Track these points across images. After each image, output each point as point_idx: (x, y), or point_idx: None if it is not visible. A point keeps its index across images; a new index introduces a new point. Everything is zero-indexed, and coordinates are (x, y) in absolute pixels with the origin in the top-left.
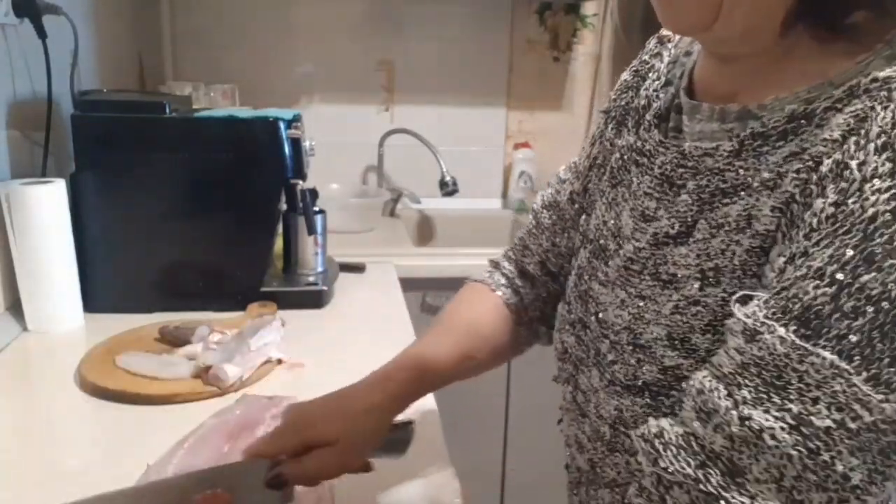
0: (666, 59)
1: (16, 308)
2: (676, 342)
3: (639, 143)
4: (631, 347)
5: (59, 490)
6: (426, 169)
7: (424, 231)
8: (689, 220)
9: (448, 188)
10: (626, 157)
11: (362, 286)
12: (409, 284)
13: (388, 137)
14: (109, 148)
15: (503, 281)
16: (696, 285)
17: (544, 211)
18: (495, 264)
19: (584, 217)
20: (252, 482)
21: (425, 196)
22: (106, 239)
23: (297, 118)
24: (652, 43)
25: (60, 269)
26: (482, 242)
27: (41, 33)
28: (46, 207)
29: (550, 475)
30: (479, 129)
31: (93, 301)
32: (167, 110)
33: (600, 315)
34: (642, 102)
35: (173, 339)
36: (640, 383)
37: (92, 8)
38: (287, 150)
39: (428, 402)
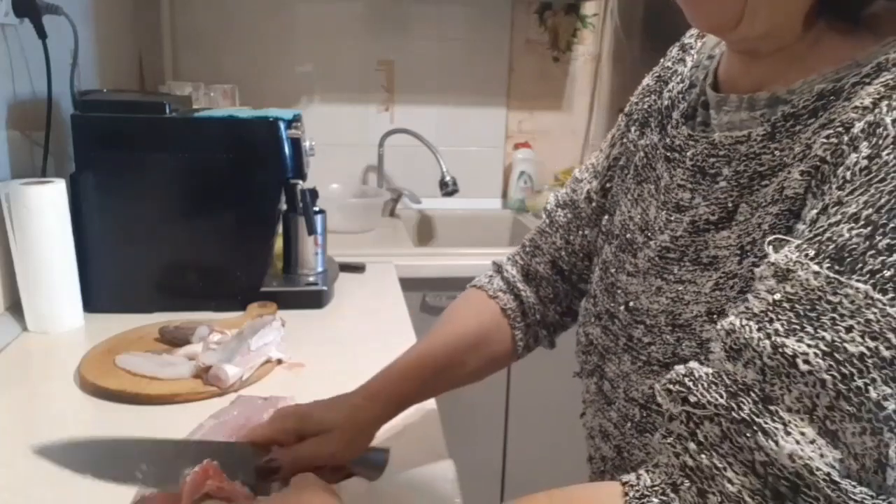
0: (689, 64)
1: (16, 308)
2: (714, 315)
3: (667, 140)
4: (670, 328)
5: (59, 490)
6: (426, 169)
7: (424, 231)
8: (730, 205)
9: (448, 188)
10: (650, 154)
11: (362, 286)
12: (409, 284)
13: (388, 137)
14: (109, 148)
15: (502, 286)
16: (736, 260)
17: (559, 210)
18: (497, 268)
19: (606, 217)
20: (245, 466)
21: (425, 196)
22: (106, 239)
23: (297, 118)
24: (675, 50)
25: (60, 269)
26: (482, 242)
27: (41, 33)
28: (46, 207)
29: (550, 475)
30: (479, 129)
31: (93, 301)
32: (167, 110)
33: (630, 304)
34: (665, 104)
35: (173, 339)
36: (677, 360)
37: (92, 8)
38: (287, 150)
39: (428, 401)
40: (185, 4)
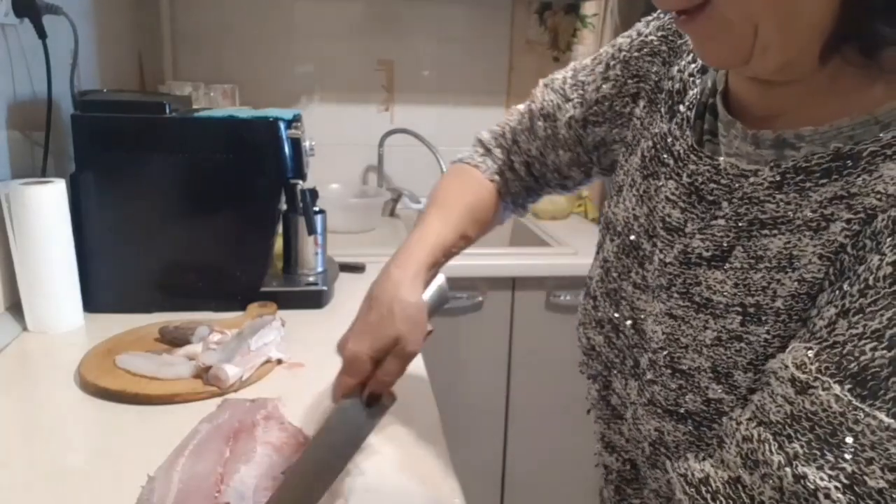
0: None
1: (16, 308)
2: (721, 376)
3: (669, 140)
4: (670, 371)
5: (59, 490)
6: (426, 169)
7: None
8: (725, 245)
9: None
10: (658, 146)
11: (362, 286)
12: None
13: (388, 137)
14: (109, 148)
15: (495, 168)
16: (738, 319)
17: (540, 119)
18: (487, 150)
19: (607, 201)
20: (358, 413)
21: (425, 196)
22: (106, 239)
23: (297, 118)
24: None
25: (60, 269)
26: (482, 242)
27: (41, 33)
28: (46, 207)
29: (550, 475)
30: (479, 129)
31: (93, 301)
32: (167, 110)
33: (638, 323)
34: (676, 86)
35: (173, 339)
36: (682, 411)
37: (92, 8)
38: (287, 150)
39: (428, 401)
40: (185, 4)
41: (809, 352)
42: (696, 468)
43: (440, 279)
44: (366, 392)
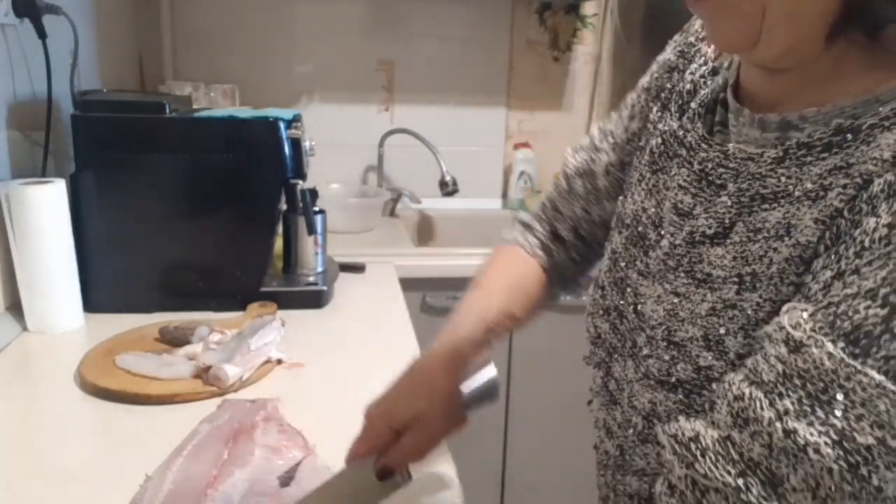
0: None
1: (16, 308)
2: (712, 343)
3: (681, 133)
4: (665, 343)
5: (59, 490)
6: (426, 169)
7: (424, 231)
8: (727, 221)
9: (448, 188)
10: (668, 142)
11: (362, 286)
12: (409, 284)
13: (388, 137)
14: (109, 148)
15: (537, 243)
16: (734, 289)
17: (577, 178)
18: (527, 226)
19: (620, 198)
20: (365, 482)
21: (425, 196)
22: (106, 239)
23: (297, 118)
24: (697, 24)
25: (60, 269)
26: (482, 242)
27: (41, 33)
28: (46, 207)
29: (550, 475)
30: (479, 129)
31: (93, 301)
32: (167, 110)
33: (639, 307)
34: (687, 87)
35: (173, 339)
36: (673, 380)
37: (92, 8)
38: (287, 150)
39: None
40: (185, 4)
41: (804, 313)
42: (686, 427)
43: (491, 372)
44: (380, 462)
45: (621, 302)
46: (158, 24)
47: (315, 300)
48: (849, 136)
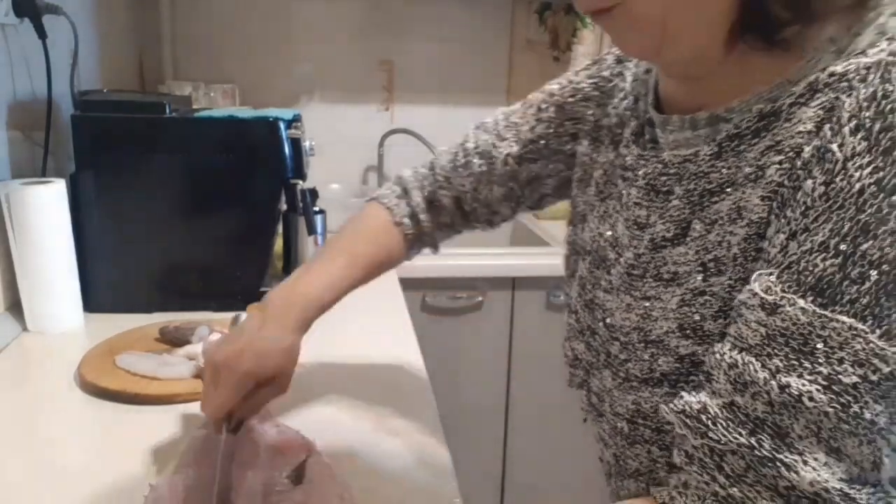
0: (629, 79)
1: (16, 308)
2: (688, 331)
3: (619, 160)
4: (643, 345)
5: (59, 490)
6: None
7: None
8: (683, 222)
9: None
10: (608, 172)
11: (362, 286)
12: (409, 284)
13: (388, 137)
14: (109, 148)
15: (408, 212)
16: (699, 277)
17: (477, 157)
18: (404, 191)
19: (571, 228)
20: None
21: None
22: (106, 239)
23: (297, 118)
24: (610, 59)
25: (60, 269)
26: (482, 242)
27: (41, 33)
28: (46, 207)
29: (550, 475)
30: None
31: (93, 301)
32: (167, 110)
33: (608, 320)
34: (614, 121)
35: (173, 339)
36: (657, 375)
37: (92, 8)
38: (287, 150)
39: (428, 401)
40: (185, 4)
41: (771, 276)
42: (692, 401)
43: None
44: (236, 417)
45: (592, 321)
46: (158, 24)
47: None
48: (772, 118)
